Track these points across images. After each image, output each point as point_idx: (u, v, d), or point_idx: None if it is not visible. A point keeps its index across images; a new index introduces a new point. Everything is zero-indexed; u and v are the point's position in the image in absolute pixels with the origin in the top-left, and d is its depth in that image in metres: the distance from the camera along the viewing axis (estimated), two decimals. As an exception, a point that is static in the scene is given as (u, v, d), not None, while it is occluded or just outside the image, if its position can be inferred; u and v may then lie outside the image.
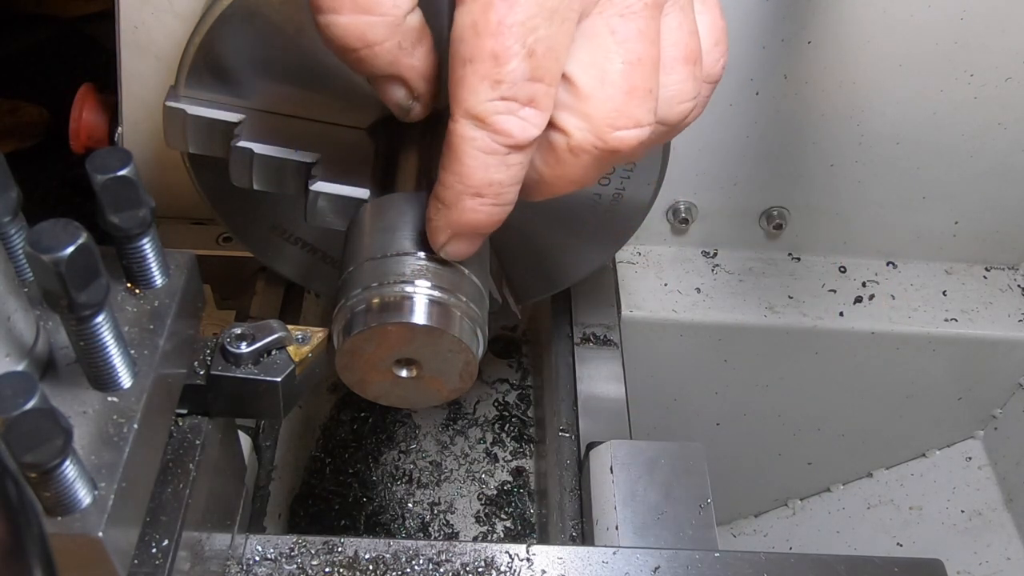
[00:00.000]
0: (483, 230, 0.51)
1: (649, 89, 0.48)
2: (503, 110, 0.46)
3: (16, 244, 0.47)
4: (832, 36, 0.90)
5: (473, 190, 0.48)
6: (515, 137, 0.46)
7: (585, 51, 0.47)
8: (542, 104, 0.46)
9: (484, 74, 0.45)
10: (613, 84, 0.47)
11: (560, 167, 0.50)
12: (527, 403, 1.04)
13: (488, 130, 0.46)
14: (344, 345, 0.53)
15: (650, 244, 1.10)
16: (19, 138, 1.49)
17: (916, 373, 1.11)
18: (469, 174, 0.47)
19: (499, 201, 0.49)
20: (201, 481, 0.52)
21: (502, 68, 0.45)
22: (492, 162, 0.47)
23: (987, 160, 1.00)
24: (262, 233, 0.76)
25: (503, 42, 0.44)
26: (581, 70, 0.48)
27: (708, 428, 1.18)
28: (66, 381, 0.45)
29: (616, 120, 0.48)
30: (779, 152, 1.00)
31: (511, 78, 0.45)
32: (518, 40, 0.44)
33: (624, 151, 0.49)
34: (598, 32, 0.47)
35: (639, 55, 0.47)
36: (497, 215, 0.50)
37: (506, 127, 0.46)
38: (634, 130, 0.48)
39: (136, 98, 0.82)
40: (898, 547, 1.20)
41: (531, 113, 0.46)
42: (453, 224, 0.50)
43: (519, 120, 0.46)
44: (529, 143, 0.47)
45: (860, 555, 0.66)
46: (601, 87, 0.47)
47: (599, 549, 0.67)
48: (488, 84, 0.45)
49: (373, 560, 0.65)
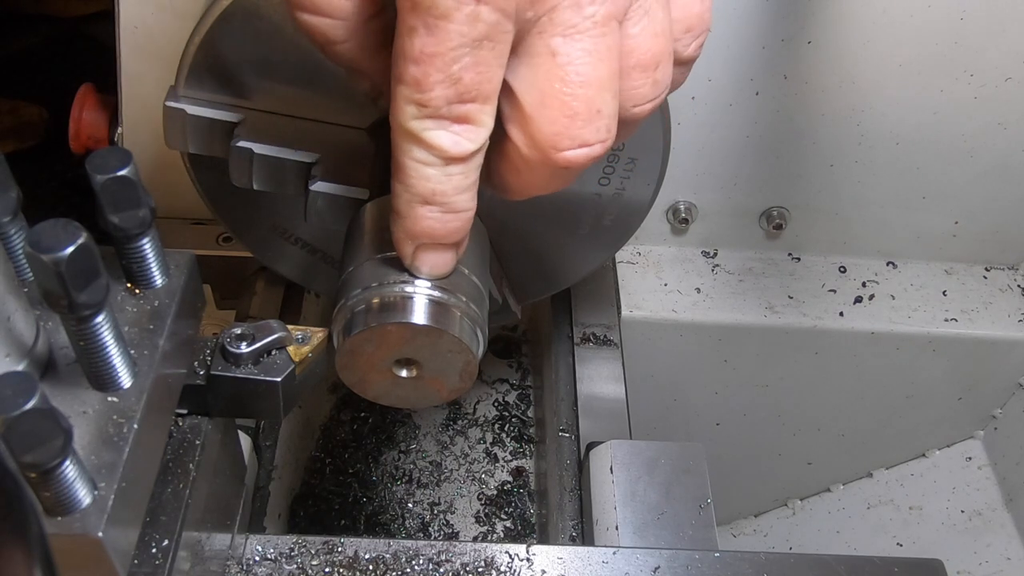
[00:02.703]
0: (443, 239, 0.50)
1: (597, 110, 0.46)
2: (433, 127, 0.45)
3: (16, 244, 0.47)
4: (832, 36, 0.90)
5: (420, 199, 0.48)
6: (449, 151, 0.46)
7: (527, 70, 0.46)
8: (476, 120, 0.45)
9: (409, 97, 0.45)
10: (553, 107, 0.46)
11: (519, 176, 0.50)
12: (527, 403, 1.04)
13: (421, 146, 0.46)
14: (344, 345, 0.53)
15: (650, 244, 1.10)
16: (19, 138, 1.49)
17: (916, 373, 1.11)
18: (412, 184, 0.47)
19: (449, 209, 0.48)
20: (201, 481, 0.52)
21: (425, 94, 0.44)
22: (431, 173, 0.47)
23: (987, 160, 1.00)
24: (262, 233, 0.76)
25: (424, 70, 0.44)
26: (524, 89, 0.46)
27: (708, 428, 1.18)
28: (66, 381, 0.45)
29: (559, 142, 0.47)
30: (779, 152, 1.00)
31: (435, 103, 0.44)
32: (440, 69, 0.43)
33: (576, 167, 0.48)
34: (538, 52, 0.46)
35: (584, 77, 0.46)
36: (452, 222, 0.49)
37: (438, 143, 0.45)
38: (581, 150, 0.47)
39: (136, 98, 0.82)
40: (898, 547, 1.20)
41: (464, 128, 0.45)
42: (409, 233, 0.50)
43: (451, 135, 0.45)
44: (466, 156, 0.46)
45: (860, 555, 0.66)
46: (541, 109, 0.46)
47: (599, 549, 0.67)
48: (413, 106, 0.45)
49: (373, 560, 0.65)
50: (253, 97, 0.64)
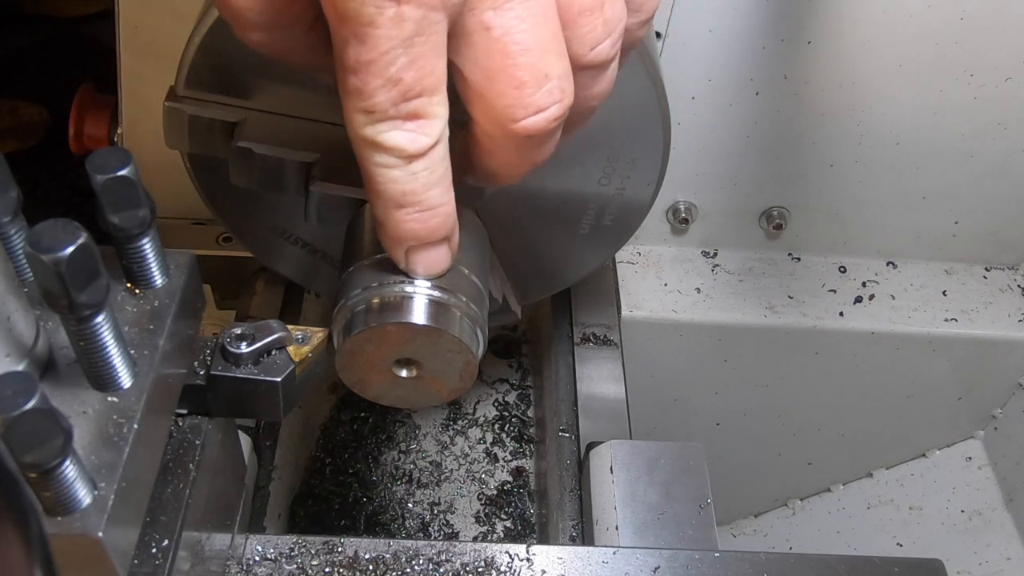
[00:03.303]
0: (428, 238, 0.50)
1: (544, 74, 0.45)
2: (386, 128, 0.45)
3: (16, 244, 0.47)
4: (832, 36, 0.90)
5: (394, 203, 0.48)
6: (407, 150, 0.46)
7: (468, 50, 0.46)
8: (427, 113, 0.45)
9: (356, 107, 0.45)
10: (500, 81, 0.46)
11: (493, 156, 0.50)
12: (527, 403, 1.04)
13: (379, 150, 0.46)
14: (344, 345, 0.53)
15: (650, 244, 1.10)
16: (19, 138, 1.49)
17: (916, 373, 1.11)
18: (382, 190, 0.47)
19: (424, 207, 0.48)
20: (201, 481, 0.52)
21: (369, 101, 0.44)
22: (397, 175, 0.46)
23: (987, 160, 1.00)
24: (262, 233, 0.76)
25: (364, 79, 0.43)
26: (470, 69, 0.46)
27: (708, 428, 1.18)
28: (66, 381, 0.45)
29: (514, 113, 0.46)
30: (779, 152, 1.00)
31: (382, 107, 0.44)
32: (378, 75, 0.43)
33: (541, 134, 0.47)
34: (474, 31, 0.45)
35: (523, 44, 0.45)
36: (431, 220, 0.49)
37: (395, 143, 0.45)
38: (537, 116, 0.46)
39: (136, 98, 0.82)
40: (898, 547, 1.20)
41: (417, 124, 0.45)
42: (394, 238, 0.50)
43: (406, 133, 0.45)
44: (426, 150, 0.46)
45: (860, 555, 0.66)
46: (489, 85, 0.46)
47: (599, 549, 0.67)
48: (361, 114, 0.45)
49: (373, 560, 0.65)
50: (253, 97, 0.64)
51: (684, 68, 0.92)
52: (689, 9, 0.88)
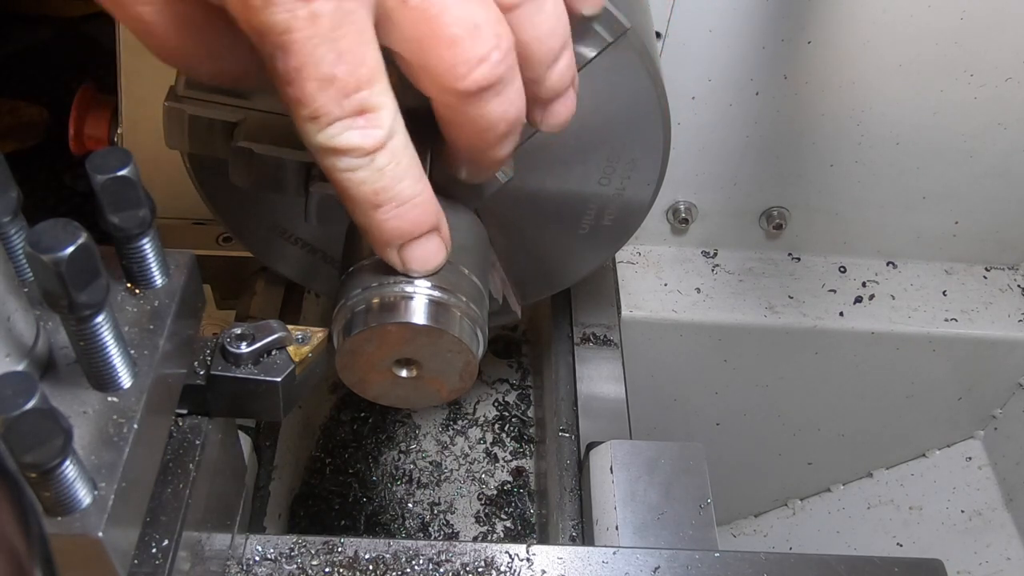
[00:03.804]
0: (413, 232, 0.50)
1: (474, 25, 0.45)
2: (338, 131, 0.45)
3: (16, 244, 0.47)
4: (832, 36, 0.90)
5: (369, 204, 0.48)
6: (363, 146, 0.45)
7: (395, 29, 0.45)
8: (372, 104, 0.45)
9: (302, 117, 0.45)
10: (433, 46, 0.45)
11: (463, 131, 0.49)
12: (527, 403, 1.04)
13: (338, 154, 0.45)
14: (344, 345, 0.53)
15: (650, 244, 1.10)
16: (19, 138, 1.49)
17: (916, 373, 1.11)
18: (353, 195, 0.47)
19: (399, 201, 0.48)
20: (201, 481, 0.52)
21: (310, 107, 0.44)
22: (362, 176, 0.46)
23: (987, 160, 1.00)
24: (262, 233, 0.76)
25: (299, 87, 0.43)
26: (403, 47, 0.46)
27: (708, 428, 1.18)
28: (66, 381, 0.45)
29: (457, 72, 0.45)
30: (779, 152, 1.00)
31: (323, 111, 0.44)
32: (311, 79, 0.43)
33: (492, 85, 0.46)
34: (392, 7, 0.45)
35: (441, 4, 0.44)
36: (410, 212, 0.49)
37: (349, 143, 0.45)
38: (482, 67, 0.46)
39: (136, 98, 0.82)
40: (898, 547, 1.20)
41: (367, 118, 0.45)
42: (381, 241, 0.50)
43: (357, 131, 0.45)
44: (383, 142, 0.46)
45: (860, 555, 0.66)
46: (425, 54, 0.45)
47: (599, 549, 0.67)
48: (309, 123, 0.45)
49: (373, 560, 0.65)
50: (253, 97, 0.64)
51: (684, 68, 0.92)
52: (689, 9, 0.88)
